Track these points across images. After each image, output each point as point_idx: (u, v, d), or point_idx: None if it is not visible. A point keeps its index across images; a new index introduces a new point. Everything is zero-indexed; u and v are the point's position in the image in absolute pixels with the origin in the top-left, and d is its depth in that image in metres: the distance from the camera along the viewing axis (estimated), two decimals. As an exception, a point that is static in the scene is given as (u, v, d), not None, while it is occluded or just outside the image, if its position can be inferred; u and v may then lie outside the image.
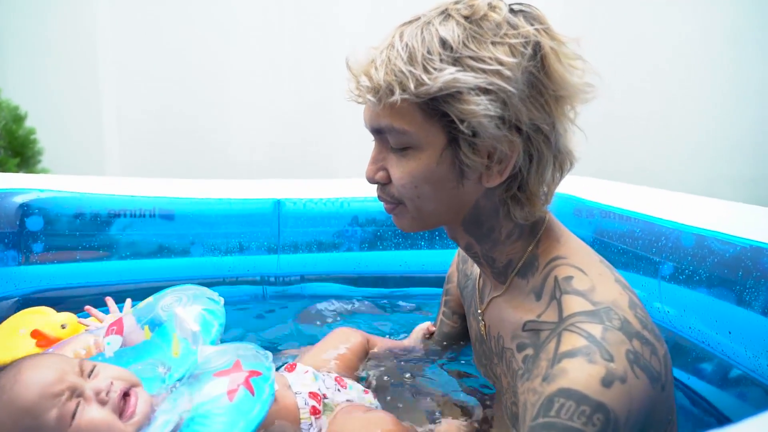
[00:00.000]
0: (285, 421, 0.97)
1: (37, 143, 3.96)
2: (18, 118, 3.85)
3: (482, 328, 1.05)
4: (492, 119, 0.79)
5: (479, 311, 1.05)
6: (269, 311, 1.81)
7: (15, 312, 1.53)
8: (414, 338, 1.41)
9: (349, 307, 1.82)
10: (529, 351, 0.87)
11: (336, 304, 1.81)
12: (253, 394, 0.84)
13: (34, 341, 1.24)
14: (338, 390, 1.06)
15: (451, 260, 1.41)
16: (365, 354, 1.32)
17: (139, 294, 1.57)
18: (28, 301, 1.61)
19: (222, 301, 1.07)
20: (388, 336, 1.54)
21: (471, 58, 0.79)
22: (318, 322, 1.69)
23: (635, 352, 0.77)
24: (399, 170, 0.88)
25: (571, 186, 1.82)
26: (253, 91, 4.69)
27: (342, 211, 1.94)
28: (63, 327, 1.33)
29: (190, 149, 4.66)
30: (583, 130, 0.90)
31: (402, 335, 1.52)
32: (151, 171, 4.27)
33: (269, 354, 0.92)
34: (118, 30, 4.52)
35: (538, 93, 0.82)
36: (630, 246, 1.51)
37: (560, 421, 0.73)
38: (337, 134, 4.65)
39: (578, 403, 0.73)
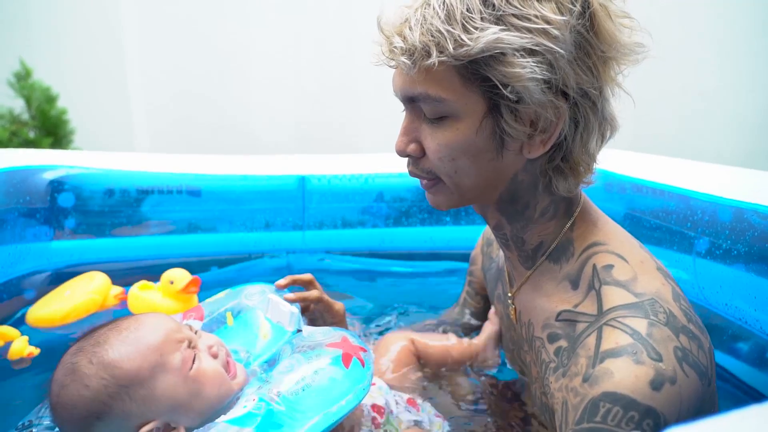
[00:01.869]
0: (352, 420, 0.94)
1: (69, 123, 4.04)
2: (50, 99, 3.93)
3: (512, 313, 0.99)
4: (538, 83, 0.73)
5: (509, 295, 1.00)
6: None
7: (48, 285, 1.59)
8: (485, 341, 1.22)
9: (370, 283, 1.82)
10: (563, 343, 0.82)
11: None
12: (363, 366, 0.85)
13: (68, 303, 1.42)
14: (407, 410, 1.01)
15: (476, 237, 1.39)
16: (415, 360, 1.19)
17: (168, 268, 1.60)
18: (60, 275, 1.65)
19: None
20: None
21: (515, 16, 0.72)
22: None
23: (683, 349, 0.72)
24: (435, 142, 0.81)
25: (602, 159, 1.76)
26: (277, 68, 4.68)
27: (367, 187, 1.92)
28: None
29: (215, 127, 4.70)
30: (615, 99, 0.84)
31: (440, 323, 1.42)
32: (177, 149, 4.32)
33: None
34: (143, 10, 4.55)
35: (586, 54, 0.76)
36: (664, 221, 1.46)
37: (607, 427, 0.68)
38: (360, 111, 4.62)
39: (626, 408, 0.68)
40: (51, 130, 3.95)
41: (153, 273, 1.57)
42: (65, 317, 1.40)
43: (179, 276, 1.46)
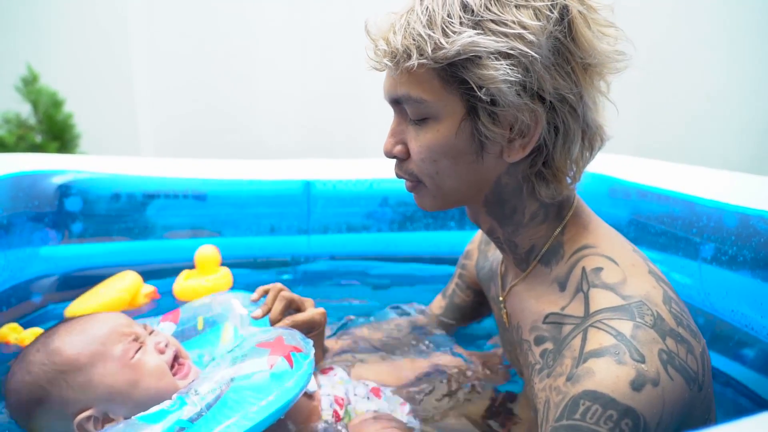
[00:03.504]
0: (306, 415, 0.95)
1: (75, 127, 4.07)
2: (57, 104, 3.96)
3: (504, 316, 1.01)
4: (512, 85, 0.75)
5: (500, 298, 1.01)
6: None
7: (55, 290, 1.61)
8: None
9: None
10: (548, 345, 0.83)
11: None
12: (291, 367, 0.84)
13: (99, 300, 1.45)
14: (368, 398, 1.02)
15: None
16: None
17: (173, 272, 1.62)
18: (68, 280, 1.66)
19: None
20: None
21: (493, 21, 0.75)
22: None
23: (669, 352, 0.72)
24: (417, 143, 0.84)
25: (606, 165, 1.76)
26: (282, 73, 4.70)
27: (372, 192, 1.93)
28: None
29: (221, 131, 4.72)
30: (617, 104, 0.85)
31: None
32: (183, 153, 4.34)
33: (311, 341, 0.93)
34: (150, 17, 4.58)
35: (564, 60, 0.78)
36: (669, 227, 1.46)
37: (585, 425, 0.69)
38: (365, 116, 4.63)
39: (605, 407, 0.69)
40: (57, 135, 3.97)
41: (159, 277, 1.58)
42: None
43: (206, 255, 1.56)
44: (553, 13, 0.76)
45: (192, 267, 1.61)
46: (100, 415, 0.84)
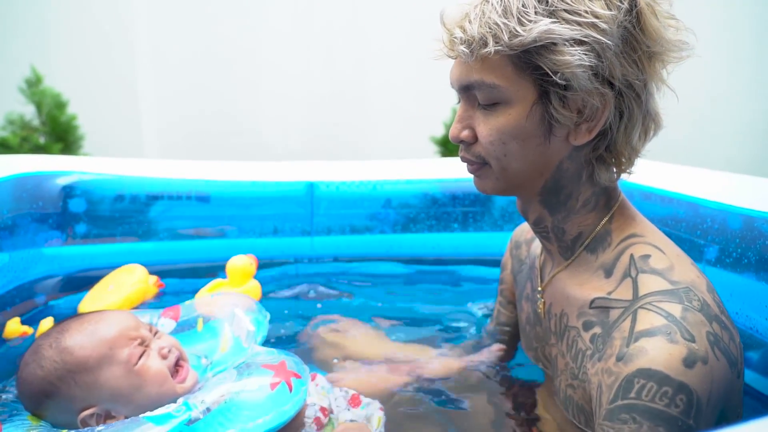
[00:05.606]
0: (293, 424, 0.97)
1: (78, 129, 4.08)
2: (60, 105, 3.97)
3: (540, 306, 1.03)
4: (586, 70, 0.79)
5: (539, 289, 1.03)
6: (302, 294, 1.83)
7: (59, 290, 1.61)
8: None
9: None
10: (597, 329, 0.86)
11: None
12: (290, 391, 0.90)
13: (117, 296, 1.45)
14: (348, 409, 1.06)
15: (484, 243, 1.39)
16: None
17: (177, 273, 1.62)
18: (71, 280, 1.66)
19: (268, 316, 1.14)
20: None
21: (566, 11, 0.79)
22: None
23: (715, 335, 0.75)
24: (487, 127, 0.87)
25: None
26: (286, 76, 4.70)
27: (375, 194, 1.93)
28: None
29: (224, 132, 4.73)
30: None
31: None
32: (186, 154, 4.35)
33: (307, 368, 1.00)
34: (154, 19, 4.59)
35: (632, 49, 0.82)
36: (673, 229, 1.46)
37: (641, 402, 0.72)
38: (368, 118, 4.64)
39: (660, 383, 0.71)
40: (61, 136, 3.99)
41: (162, 278, 1.58)
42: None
43: (238, 266, 1.51)
44: (623, 3, 0.80)
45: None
46: (103, 412, 0.88)
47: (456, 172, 2.04)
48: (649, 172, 1.77)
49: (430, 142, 4.38)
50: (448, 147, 4.31)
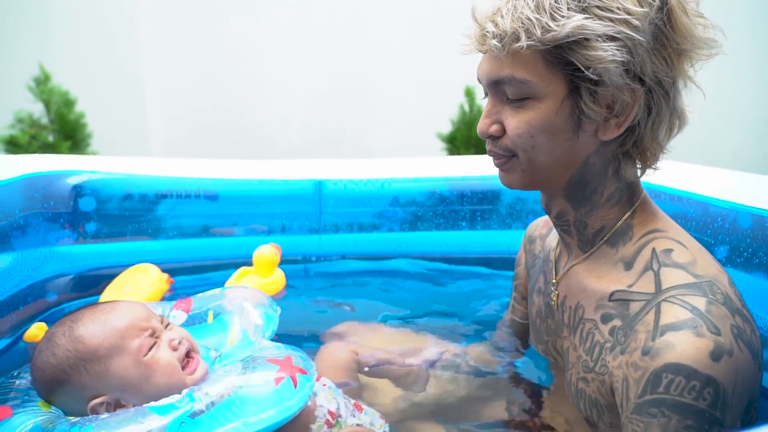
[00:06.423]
0: (300, 426, 0.98)
1: (86, 127, 4.10)
2: (68, 103, 3.99)
3: (554, 299, 1.03)
4: (618, 66, 0.80)
5: (553, 281, 1.04)
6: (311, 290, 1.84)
7: (71, 289, 1.62)
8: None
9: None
10: (617, 322, 0.86)
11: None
12: (295, 386, 0.90)
13: (136, 298, 1.44)
14: (353, 415, 1.07)
15: (492, 242, 1.39)
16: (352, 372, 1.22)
17: (186, 271, 1.63)
18: (83, 279, 1.68)
19: (279, 310, 1.15)
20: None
21: (598, 7, 0.80)
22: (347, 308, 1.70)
23: (738, 327, 0.77)
24: (515, 120, 0.87)
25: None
26: (291, 73, 4.70)
27: (383, 192, 1.93)
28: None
29: (230, 131, 4.74)
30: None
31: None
32: (192, 152, 4.37)
33: (314, 364, 0.99)
34: (158, 16, 4.60)
35: (662, 46, 0.83)
36: (683, 228, 1.45)
37: (669, 397, 0.73)
38: (374, 115, 4.63)
39: (688, 378, 0.72)
40: (69, 134, 4.01)
41: (171, 276, 1.59)
42: None
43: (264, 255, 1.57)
44: (654, 1, 0.81)
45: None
46: (113, 401, 0.90)
47: (464, 170, 2.04)
48: (658, 170, 1.76)
49: (436, 138, 4.38)
50: (455, 144, 4.30)
